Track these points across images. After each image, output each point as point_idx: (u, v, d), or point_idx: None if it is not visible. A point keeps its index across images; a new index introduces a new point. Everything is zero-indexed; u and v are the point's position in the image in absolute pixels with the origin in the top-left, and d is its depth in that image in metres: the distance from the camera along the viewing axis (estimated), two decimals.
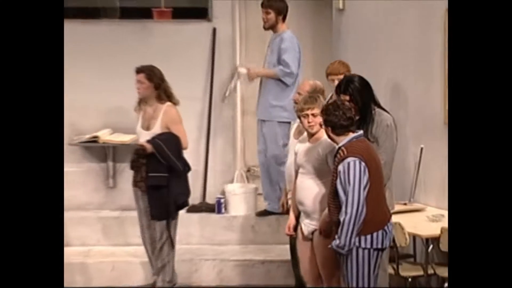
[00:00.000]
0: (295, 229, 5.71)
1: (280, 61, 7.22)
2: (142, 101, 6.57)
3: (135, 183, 6.39)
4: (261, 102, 7.29)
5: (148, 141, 6.34)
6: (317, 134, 5.42)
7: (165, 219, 6.49)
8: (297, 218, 5.85)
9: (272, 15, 7.23)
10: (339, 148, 5.09)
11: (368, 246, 5.02)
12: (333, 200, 5.09)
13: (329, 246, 5.10)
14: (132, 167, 6.41)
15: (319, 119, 5.35)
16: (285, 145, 7.24)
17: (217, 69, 7.73)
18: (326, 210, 5.30)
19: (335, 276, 5.44)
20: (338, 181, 5.02)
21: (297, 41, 7.24)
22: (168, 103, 6.49)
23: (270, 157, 7.31)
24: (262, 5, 7.27)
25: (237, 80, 7.63)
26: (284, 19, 7.26)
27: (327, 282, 5.49)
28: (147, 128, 6.47)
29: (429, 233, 5.87)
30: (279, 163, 7.18)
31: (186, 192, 6.52)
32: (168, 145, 6.40)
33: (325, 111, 5.18)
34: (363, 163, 5.01)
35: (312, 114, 5.37)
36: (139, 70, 6.47)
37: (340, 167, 5.01)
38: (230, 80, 7.70)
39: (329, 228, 5.27)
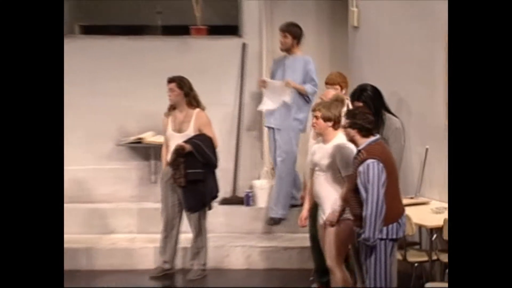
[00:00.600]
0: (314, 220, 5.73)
1: (308, 80, 7.18)
2: (171, 107, 6.64)
3: (175, 180, 6.44)
4: (279, 113, 7.24)
5: (186, 142, 6.42)
6: (328, 136, 5.48)
7: (200, 210, 6.58)
8: (310, 210, 5.88)
9: (289, 39, 7.24)
10: (359, 150, 5.08)
11: (384, 236, 5.04)
12: (354, 197, 5.10)
13: (358, 239, 5.08)
14: (172, 166, 6.46)
15: (322, 122, 5.43)
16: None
17: (246, 79, 7.75)
18: (335, 204, 5.39)
19: (341, 264, 5.52)
20: (358, 180, 5.00)
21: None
22: (198, 109, 6.59)
23: (282, 161, 7.23)
24: (281, 29, 7.29)
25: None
26: (298, 43, 7.29)
27: (334, 269, 5.55)
28: (178, 131, 6.55)
29: (433, 224, 5.86)
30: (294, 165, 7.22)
31: (217, 185, 6.63)
32: (206, 145, 6.52)
33: (351, 115, 5.17)
34: (381, 164, 4.99)
35: (316, 116, 5.43)
36: (170, 80, 6.57)
37: (361, 168, 4.99)
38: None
39: (335, 219, 5.39)
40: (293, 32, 7.26)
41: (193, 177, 6.44)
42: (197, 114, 6.55)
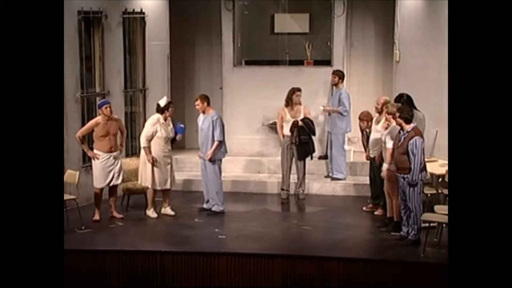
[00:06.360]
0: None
1: (341, 104, 7.34)
2: (287, 104, 7.04)
3: (292, 141, 6.93)
4: (332, 125, 7.51)
5: (300, 120, 7.02)
6: (386, 124, 5.90)
7: (305, 159, 7.16)
8: (370, 163, 6.41)
9: (336, 78, 7.46)
10: (408, 131, 5.28)
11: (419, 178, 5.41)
12: (402, 157, 5.35)
13: (404, 181, 5.31)
14: (291, 132, 7.02)
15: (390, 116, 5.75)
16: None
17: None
18: (386, 164, 5.67)
19: (395, 193, 5.83)
20: (409, 147, 5.23)
21: (348, 93, 7.50)
22: (303, 105, 7.13)
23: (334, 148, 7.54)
24: (332, 72, 7.51)
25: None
26: (342, 81, 7.45)
27: (392, 197, 5.87)
28: (293, 117, 7.08)
29: (440, 172, 6.15)
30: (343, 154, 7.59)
31: (314, 146, 7.16)
32: (310, 123, 7.08)
33: (400, 112, 5.37)
34: (421, 139, 5.31)
35: (387, 113, 5.80)
36: (299, 89, 7.11)
37: (411, 141, 5.25)
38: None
39: (386, 173, 5.81)
40: (339, 74, 7.48)
41: (303, 141, 7.00)
42: (304, 108, 7.11)
